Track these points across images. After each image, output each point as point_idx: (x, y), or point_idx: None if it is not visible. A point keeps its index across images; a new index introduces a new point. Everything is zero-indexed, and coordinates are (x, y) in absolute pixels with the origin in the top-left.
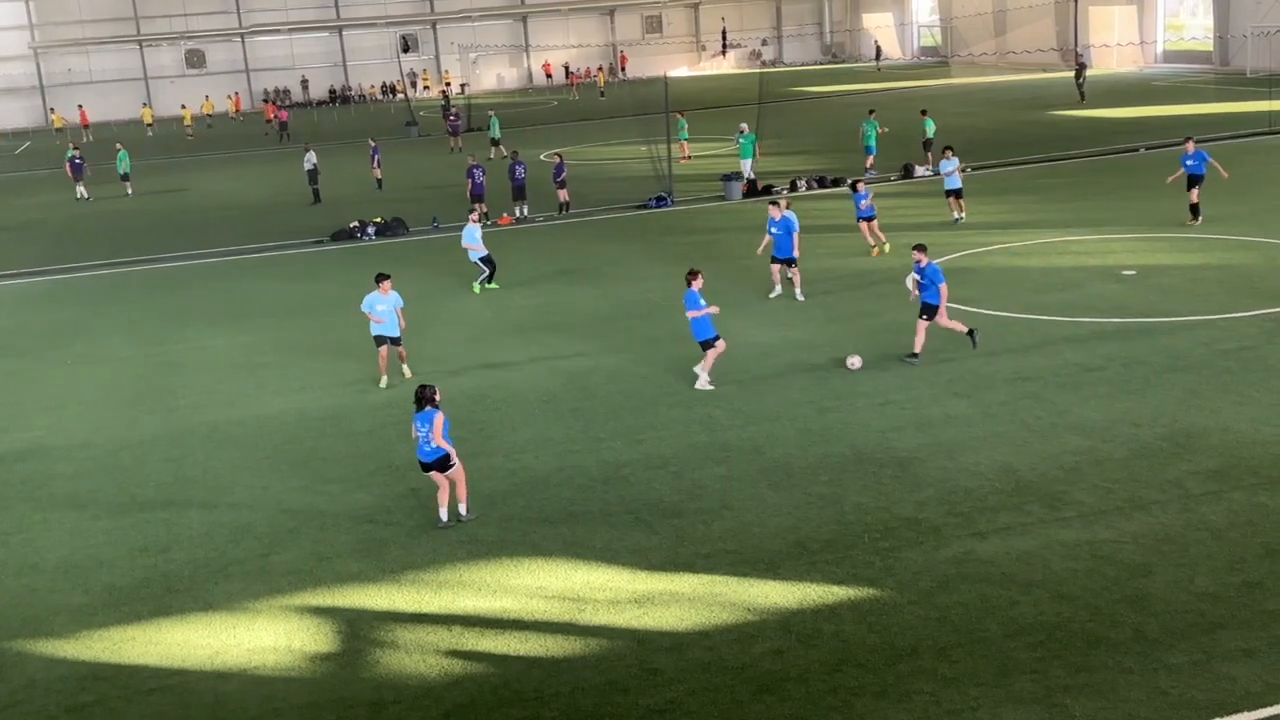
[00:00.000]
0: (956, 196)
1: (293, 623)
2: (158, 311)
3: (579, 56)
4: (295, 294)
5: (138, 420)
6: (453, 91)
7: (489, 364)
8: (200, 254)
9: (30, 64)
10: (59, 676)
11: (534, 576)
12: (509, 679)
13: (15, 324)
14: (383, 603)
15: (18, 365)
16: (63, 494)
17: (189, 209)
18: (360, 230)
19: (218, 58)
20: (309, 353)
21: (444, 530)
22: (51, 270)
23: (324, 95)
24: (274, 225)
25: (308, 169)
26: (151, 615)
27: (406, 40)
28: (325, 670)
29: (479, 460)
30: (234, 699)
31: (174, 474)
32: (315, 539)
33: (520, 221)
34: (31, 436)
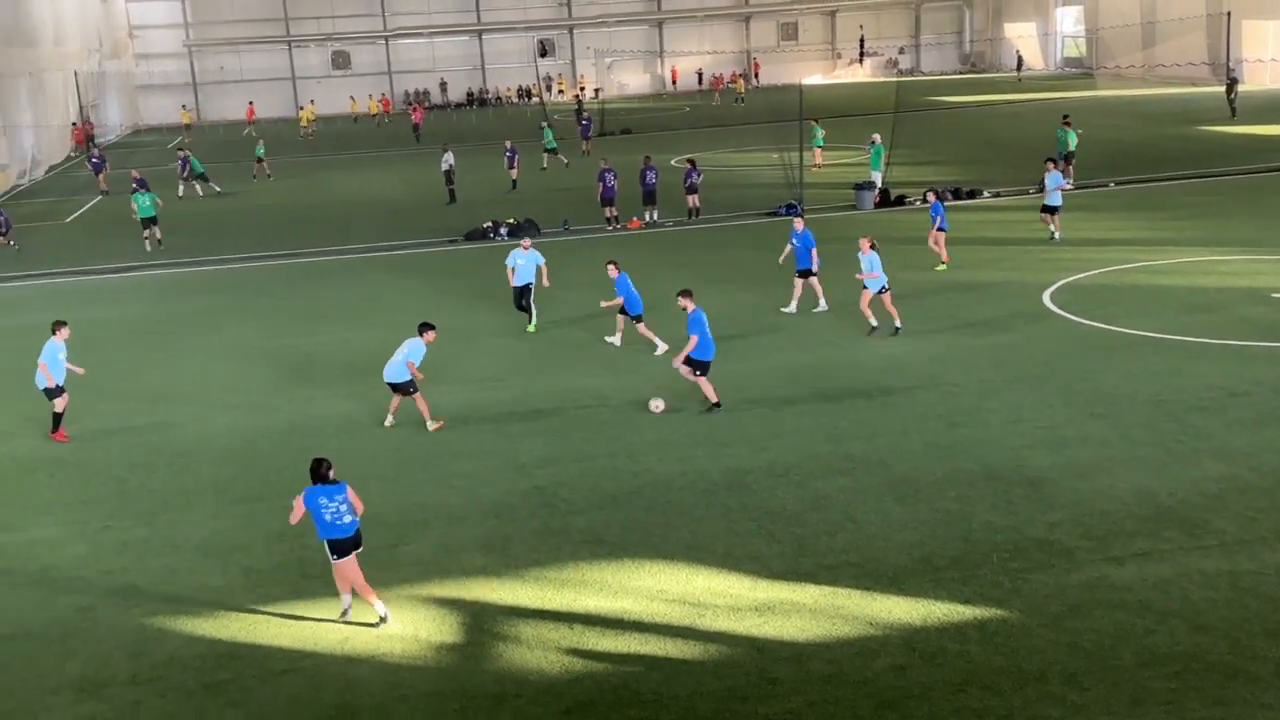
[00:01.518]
0: (1053, 213)
1: (420, 612)
2: (297, 304)
3: (713, 63)
4: (428, 291)
5: (277, 409)
6: (586, 96)
7: (619, 366)
8: (339, 249)
9: (185, 61)
10: (197, 654)
11: (655, 579)
12: (628, 680)
13: (164, 312)
14: (507, 597)
15: (166, 352)
16: (205, 478)
17: (330, 205)
18: (493, 230)
19: (362, 59)
20: (439, 348)
21: (566, 529)
22: (198, 261)
23: (461, 98)
24: (410, 224)
25: (445, 169)
26: (285, 598)
27: (544, 45)
28: (450, 660)
29: (602, 462)
30: (362, 684)
31: (309, 462)
32: (443, 532)
33: (649, 226)
34: (177, 422)
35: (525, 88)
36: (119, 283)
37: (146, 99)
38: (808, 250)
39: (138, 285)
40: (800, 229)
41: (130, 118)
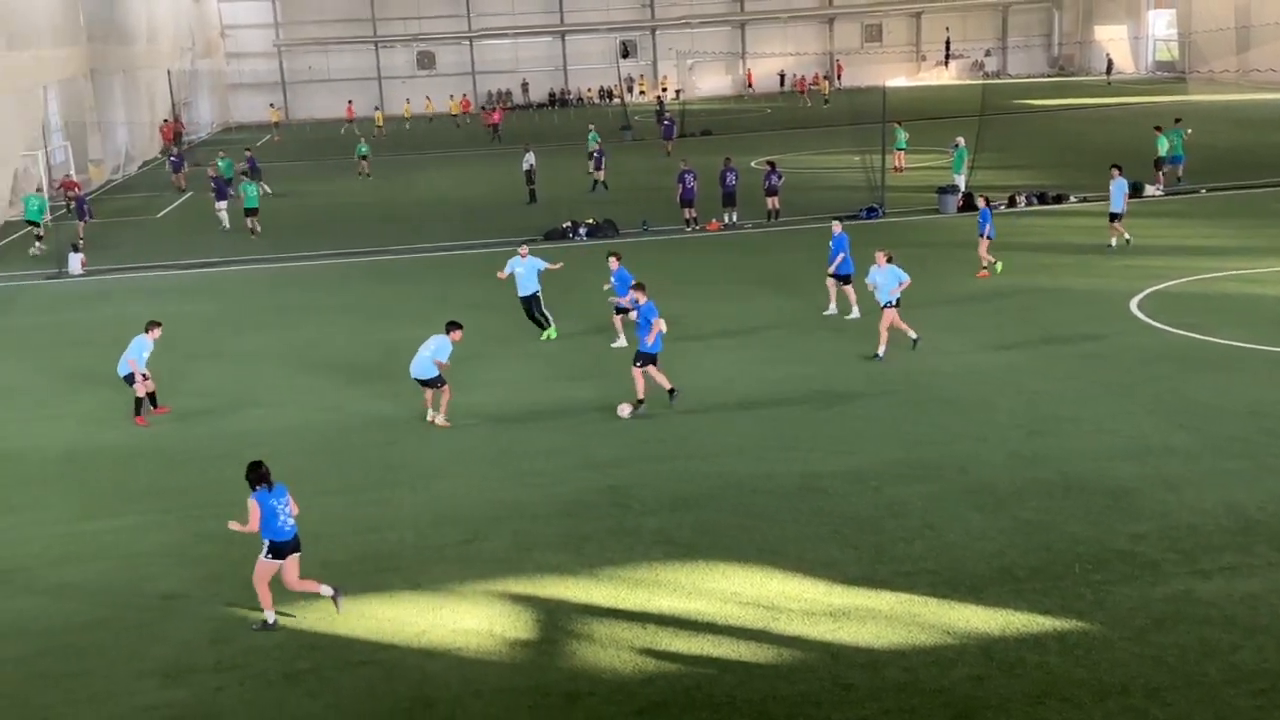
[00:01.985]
0: (1116, 220)
1: (495, 608)
2: (377, 301)
3: (795, 64)
4: (506, 290)
5: (356, 404)
6: (667, 97)
7: (690, 367)
8: (420, 248)
9: (274, 61)
10: (277, 644)
11: (728, 581)
12: (701, 681)
13: (249, 307)
14: (581, 596)
15: (249, 346)
16: (287, 470)
17: (412, 204)
18: (572, 230)
19: (447, 60)
20: (514, 347)
21: (640, 529)
22: (283, 258)
23: (543, 98)
24: (491, 223)
25: (526, 169)
26: (363, 591)
27: (626, 46)
28: (524, 657)
29: (676, 463)
30: (438, 677)
31: (387, 458)
32: (518, 529)
33: (728, 228)
34: (259, 415)
35: (606, 88)
36: (205, 278)
37: (236, 97)
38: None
39: (223, 281)
40: (838, 231)
41: (221, 115)
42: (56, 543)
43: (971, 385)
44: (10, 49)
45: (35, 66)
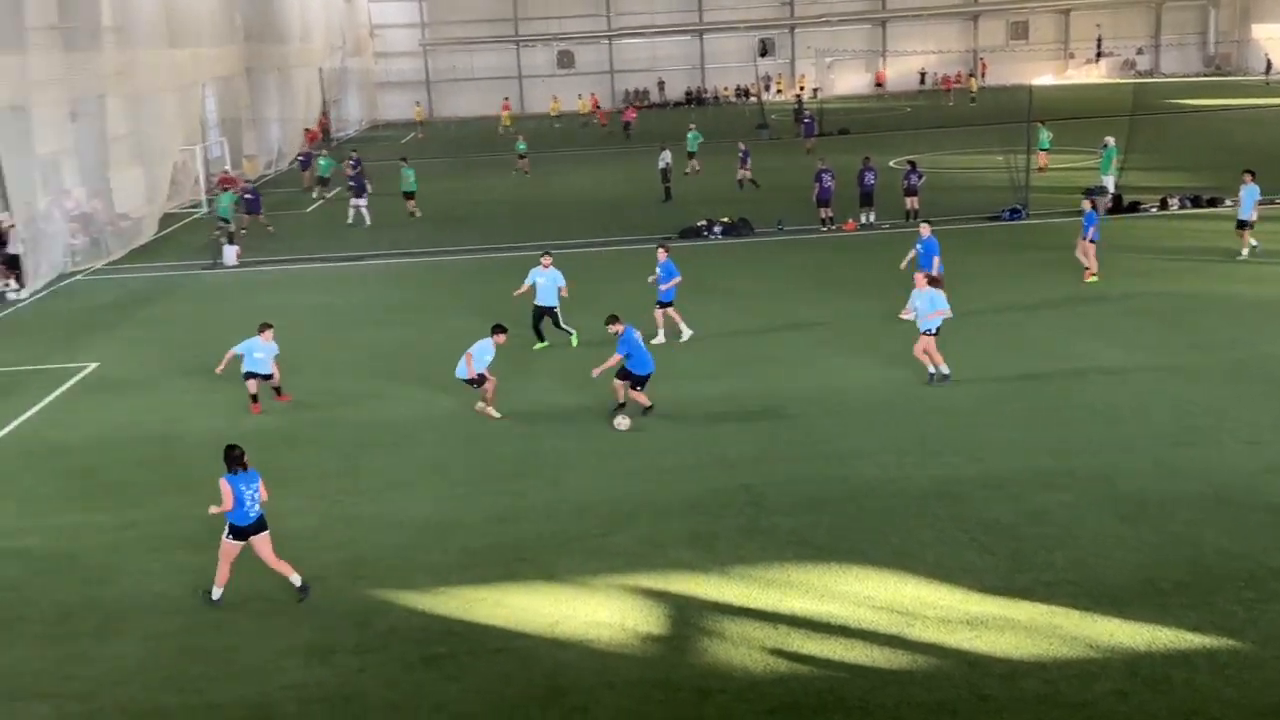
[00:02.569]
0: (1245, 228)
1: (627, 602)
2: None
3: (937, 63)
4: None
5: (499, 397)
6: (805, 95)
7: (826, 368)
8: (560, 244)
9: (419, 60)
10: (417, 627)
11: (862, 585)
12: (834, 684)
13: (392, 299)
14: (712, 593)
15: (391, 335)
16: (428, 459)
17: (550, 201)
18: (707, 229)
19: (586, 58)
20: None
21: (773, 529)
22: (424, 252)
23: (680, 97)
24: (626, 220)
25: (661, 167)
26: (499, 580)
27: (764, 44)
28: (655, 651)
29: (810, 464)
30: (571, 668)
31: (524, 450)
32: (650, 524)
33: (865, 228)
34: (402, 404)
35: (743, 87)
36: (352, 270)
37: (384, 95)
38: (930, 258)
39: (369, 273)
40: (926, 235)
41: (369, 113)
42: (210, 524)
43: (1114, 392)
44: (172, 47)
45: (194, 64)
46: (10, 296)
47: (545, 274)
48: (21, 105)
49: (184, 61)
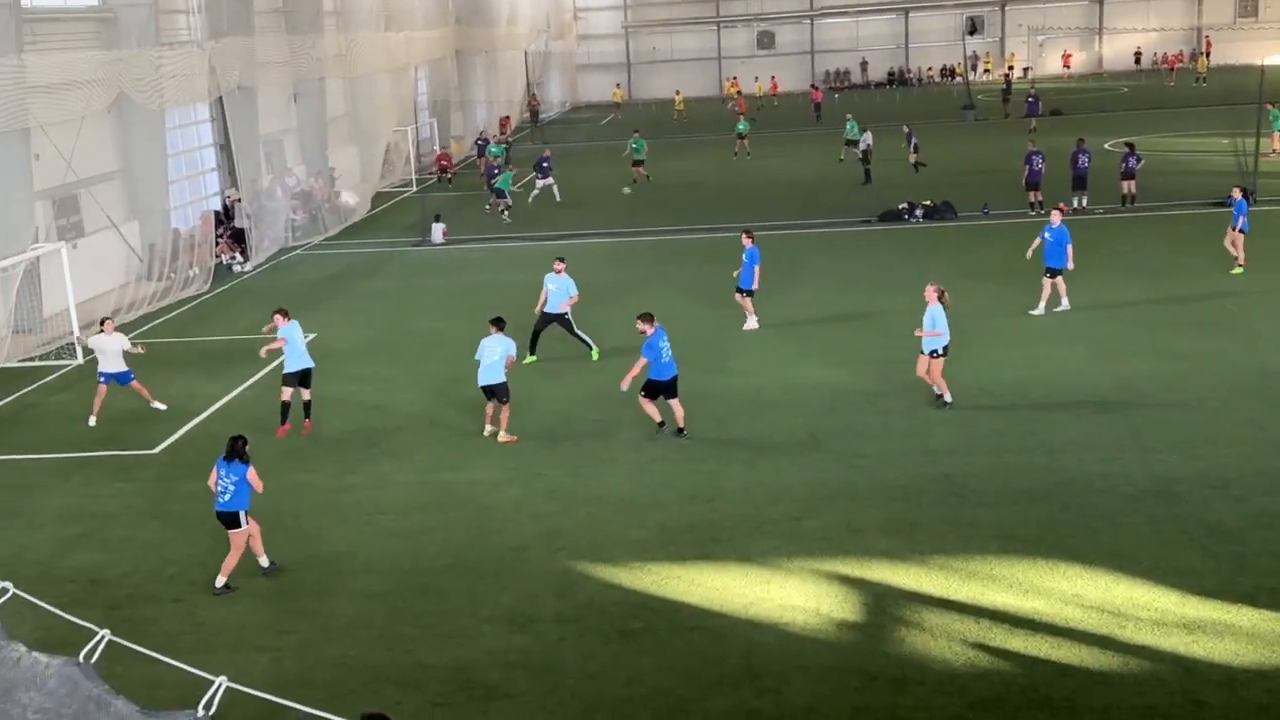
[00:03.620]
0: None
1: (822, 587)
2: (712, 276)
3: (1157, 41)
4: (842, 270)
5: (692, 379)
6: (1015, 75)
7: (1033, 357)
8: (760, 225)
9: (621, 42)
10: (614, 601)
11: (1070, 583)
12: (1038, 683)
13: (598, 278)
14: (910, 582)
15: (598, 317)
16: (627, 438)
17: (748, 185)
18: (908, 212)
19: (786, 39)
20: (850, 326)
21: (975, 520)
22: (625, 232)
23: (882, 77)
24: (824, 203)
25: (863, 149)
26: (695, 558)
27: (973, 22)
28: (850, 638)
29: (1018, 456)
30: (765, 650)
31: (722, 431)
32: (846, 510)
33: (1077, 212)
34: (611, 381)
35: (949, 67)
36: (554, 249)
37: (584, 77)
38: (1061, 247)
39: (573, 252)
40: (1057, 222)
41: (569, 95)
42: (417, 491)
43: None
44: (388, 30)
45: (408, 47)
46: (236, 269)
47: (558, 280)
48: (249, 86)
49: (398, 44)
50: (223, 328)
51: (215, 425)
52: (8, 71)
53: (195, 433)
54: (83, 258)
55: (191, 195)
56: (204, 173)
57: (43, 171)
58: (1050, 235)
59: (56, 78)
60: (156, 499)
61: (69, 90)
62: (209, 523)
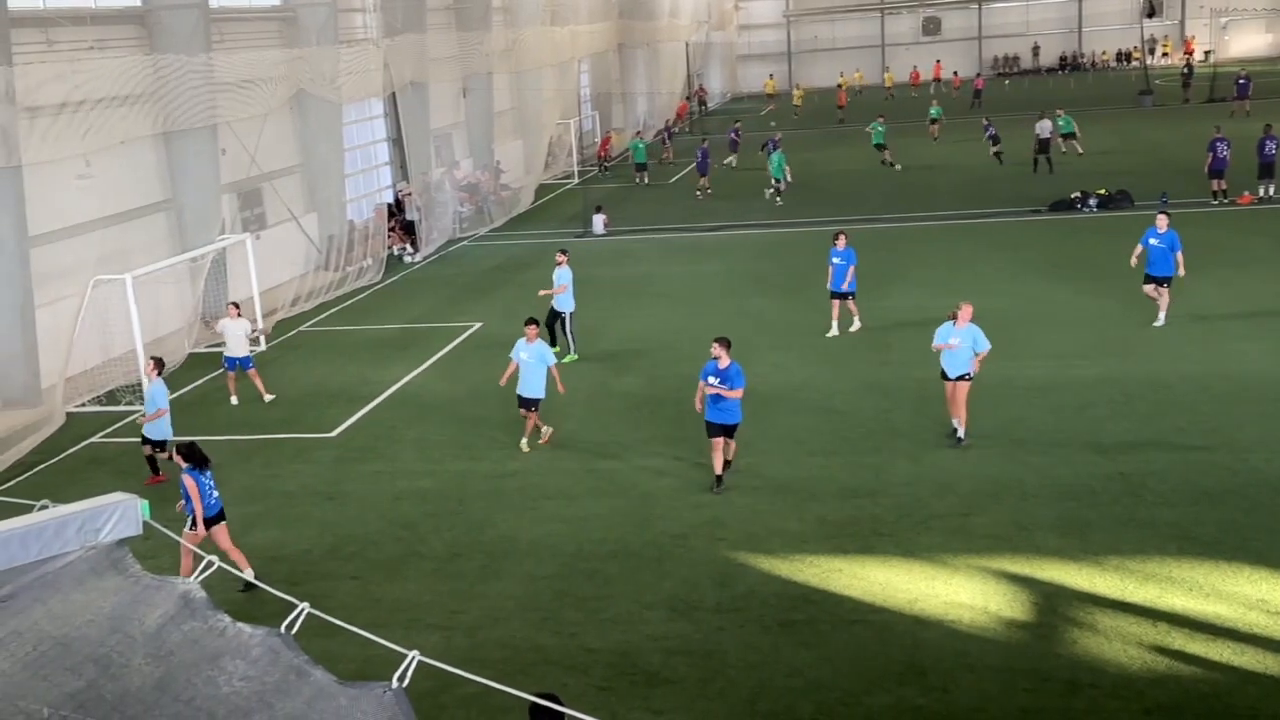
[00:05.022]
0: None
1: (989, 585)
2: (873, 269)
3: None
4: (1012, 260)
5: (857, 367)
6: (1196, 58)
7: (1215, 352)
8: (921, 217)
9: (782, 32)
10: (774, 592)
11: (1254, 586)
12: (1219, 689)
13: (751, 269)
14: (1083, 583)
15: (754, 307)
16: (784, 428)
17: (909, 174)
18: (1081, 201)
19: (953, 24)
20: (1018, 317)
21: (1152, 520)
22: (784, 223)
23: (1054, 62)
24: (995, 192)
25: (1042, 138)
26: (857, 552)
27: (1151, 3)
28: (1019, 638)
29: (1199, 454)
30: (931, 646)
31: (884, 424)
32: (1015, 508)
33: (1263, 201)
34: (770, 376)
35: (1124, 51)
36: (714, 239)
37: (744, 68)
38: (1168, 254)
39: (730, 243)
40: (1163, 228)
41: (729, 85)
42: (582, 478)
43: None
44: (552, 25)
45: (572, 41)
46: (406, 260)
47: (560, 272)
48: (421, 82)
49: (562, 39)
50: (394, 316)
51: (388, 409)
52: (197, 70)
53: (369, 417)
54: (265, 248)
55: (366, 188)
56: (377, 166)
57: (228, 166)
58: (1159, 241)
59: (241, 75)
60: (333, 480)
61: (253, 87)
62: (382, 504)
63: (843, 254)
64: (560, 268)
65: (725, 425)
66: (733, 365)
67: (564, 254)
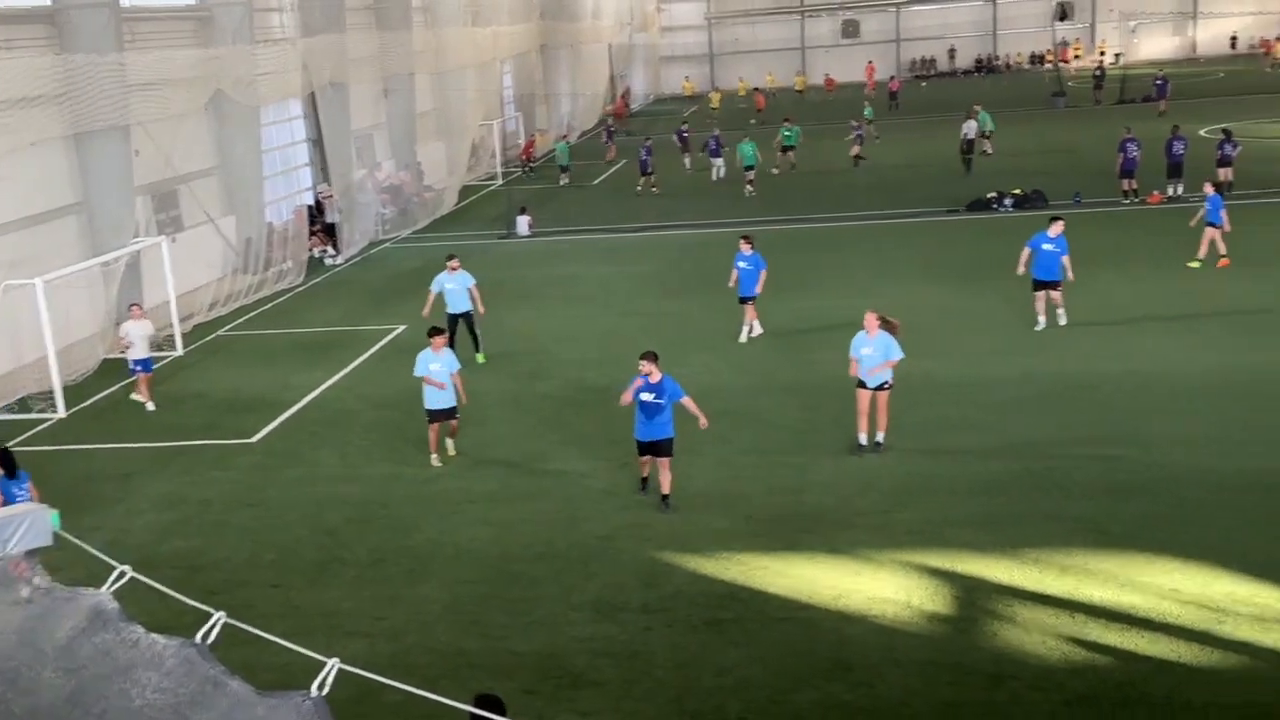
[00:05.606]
0: None
1: (912, 580)
2: (794, 270)
3: (1256, 25)
4: (928, 260)
5: (776, 367)
6: (1106, 61)
7: (1128, 349)
8: (843, 217)
9: (704, 34)
10: (701, 591)
11: (1168, 577)
12: (1135, 678)
13: (675, 270)
14: (1002, 576)
15: (674, 308)
16: (710, 429)
17: (831, 175)
18: (997, 201)
19: (871, 27)
20: (938, 317)
21: (1067, 514)
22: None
23: (970, 65)
24: (914, 192)
25: (969, 138)
26: (783, 550)
27: (1063, 8)
28: (942, 632)
29: (1110, 449)
30: (856, 642)
31: (808, 424)
32: (936, 503)
33: (1171, 200)
34: (697, 376)
35: (1037, 54)
36: (637, 240)
37: (667, 69)
38: (1059, 259)
39: (657, 244)
40: (1056, 233)
41: (653, 87)
42: (508, 481)
43: None
44: (475, 25)
45: (494, 42)
46: (328, 262)
47: (454, 277)
48: (340, 82)
49: (484, 39)
50: (316, 319)
51: (310, 414)
52: (108, 70)
53: (290, 422)
54: (182, 252)
55: (285, 190)
56: (297, 168)
57: (143, 168)
58: (1052, 245)
59: (155, 75)
60: (253, 487)
61: (167, 88)
62: (305, 510)
63: (749, 258)
64: (458, 273)
65: (655, 442)
66: (665, 378)
67: (455, 259)
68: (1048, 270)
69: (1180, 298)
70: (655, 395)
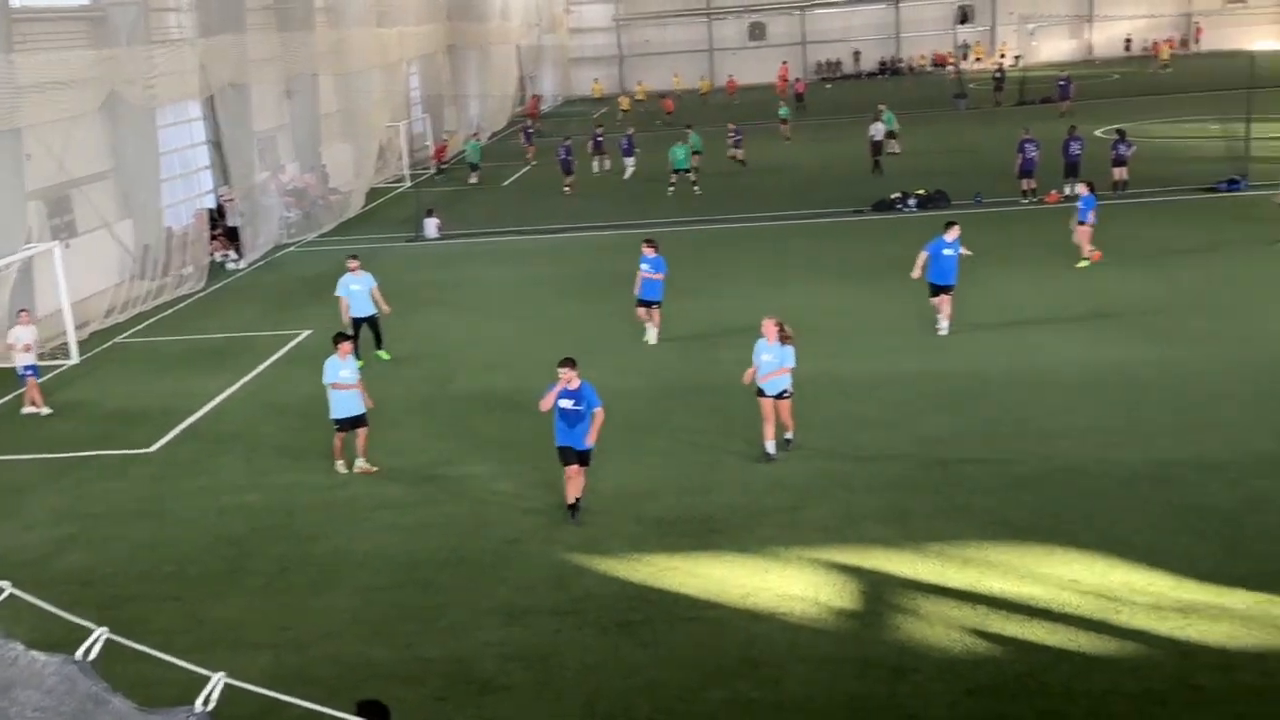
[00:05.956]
0: None
1: (819, 576)
2: (701, 271)
3: (1147, 27)
4: (836, 259)
5: (683, 369)
6: (1006, 63)
7: (1030, 344)
8: (751, 218)
9: (613, 35)
10: (611, 593)
11: (1066, 567)
12: (1035, 668)
13: (582, 271)
14: (906, 570)
15: (574, 311)
16: (620, 430)
17: (740, 177)
18: (901, 201)
19: (778, 30)
20: (841, 316)
21: (970, 507)
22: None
23: (874, 67)
24: (821, 193)
25: (873, 139)
26: (692, 549)
27: (964, 11)
28: (848, 627)
29: (1012, 443)
30: (764, 640)
31: (716, 424)
32: (843, 499)
33: (1069, 200)
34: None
35: (939, 56)
36: (547, 242)
37: (577, 70)
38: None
39: (564, 245)
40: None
41: (562, 88)
42: (415, 487)
43: None
44: (379, 26)
45: (400, 43)
46: (230, 266)
47: (358, 278)
48: (241, 83)
49: (390, 40)
50: (217, 325)
51: (211, 423)
52: None
53: (190, 431)
54: (76, 257)
55: (185, 193)
56: (197, 171)
57: (34, 171)
58: (951, 250)
59: (46, 77)
60: (151, 498)
61: (59, 90)
62: (206, 521)
63: (652, 261)
64: (361, 274)
65: (578, 450)
66: (584, 385)
67: (355, 259)
68: (945, 275)
69: (1076, 296)
70: (575, 402)
